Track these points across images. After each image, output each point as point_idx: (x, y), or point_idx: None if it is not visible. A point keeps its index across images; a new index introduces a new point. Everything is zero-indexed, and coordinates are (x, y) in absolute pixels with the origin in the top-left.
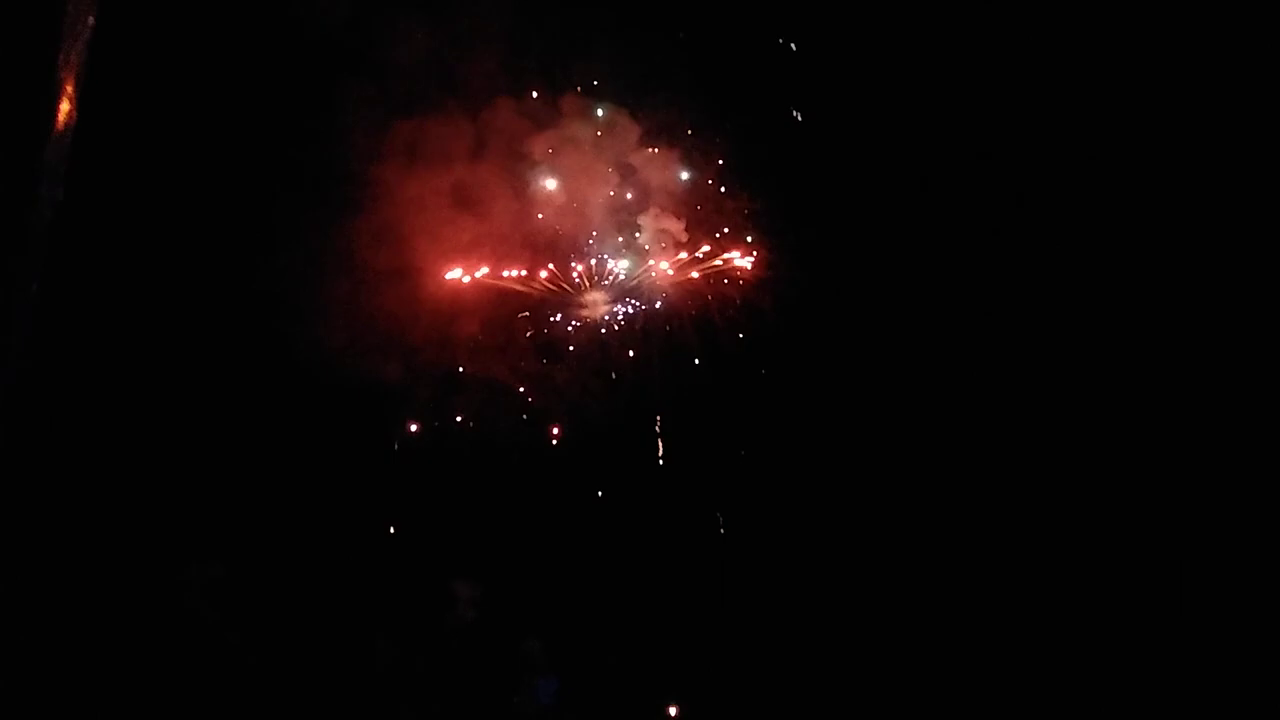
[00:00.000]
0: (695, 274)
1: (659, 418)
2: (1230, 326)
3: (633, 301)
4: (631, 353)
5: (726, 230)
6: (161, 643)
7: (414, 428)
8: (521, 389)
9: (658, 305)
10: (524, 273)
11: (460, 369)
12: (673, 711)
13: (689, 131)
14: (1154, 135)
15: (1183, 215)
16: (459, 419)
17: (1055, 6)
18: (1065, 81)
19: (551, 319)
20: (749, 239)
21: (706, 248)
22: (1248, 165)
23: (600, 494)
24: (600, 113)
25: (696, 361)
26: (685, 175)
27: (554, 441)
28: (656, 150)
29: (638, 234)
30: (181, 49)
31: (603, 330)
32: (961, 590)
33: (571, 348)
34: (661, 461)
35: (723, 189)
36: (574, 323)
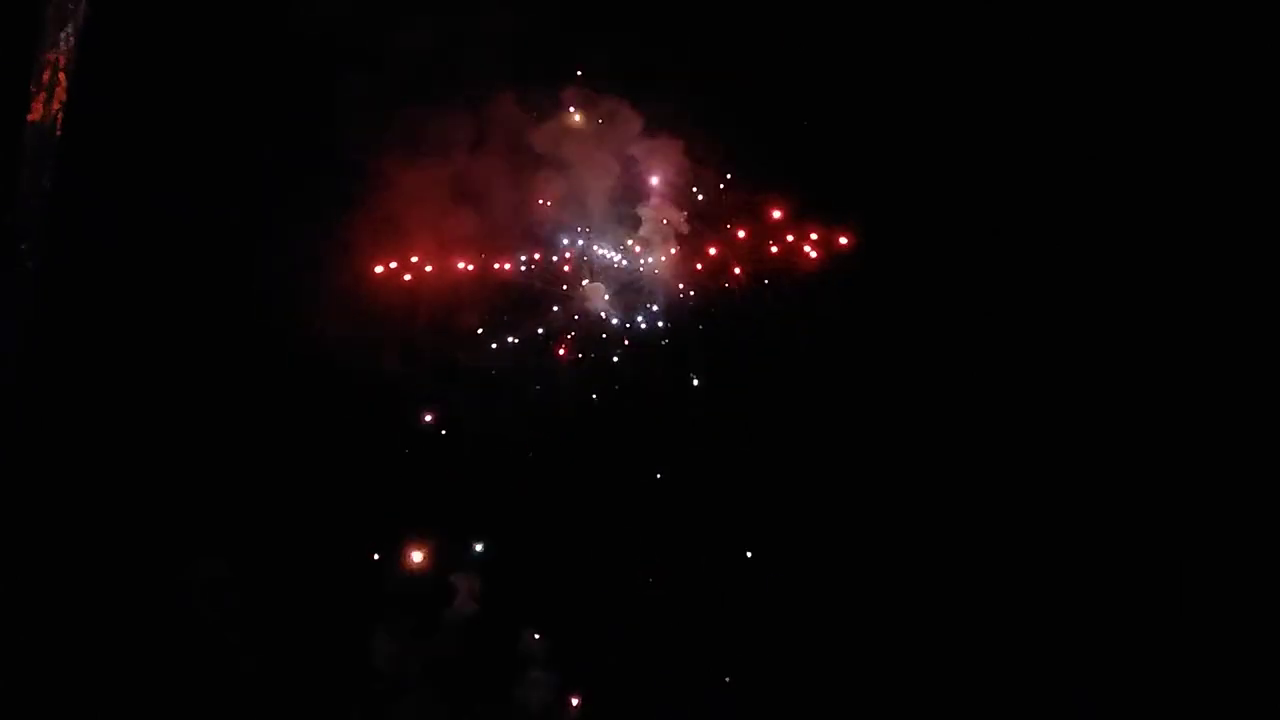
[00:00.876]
0: (696, 265)
1: (660, 411)
2: (1231, 327)
3: (633, 293)
4: (631, 345)
5: (727, 222)
6: (161, 642)
7: (412, 422)
8: (520, 382)
9: (658, 297)
10: (523, 265)
11: (458, 362)
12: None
13: (691, 122)
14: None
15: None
16: (458, 412)
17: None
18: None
19: (550, 311)
20: (750, 231)
21: (708, 241)
22: (1249, 166)
23: (601, 489)
24: (601, 103)
25: (696, 354)
26: (687, 167)
27: (553, 435)
28: (658, 141)
29: (638, 225)
30: (177, 36)
31: (602, 322)
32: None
33: (571, 340)
34: (663, 458)
35: (724, 181)
36: (573, 314)
